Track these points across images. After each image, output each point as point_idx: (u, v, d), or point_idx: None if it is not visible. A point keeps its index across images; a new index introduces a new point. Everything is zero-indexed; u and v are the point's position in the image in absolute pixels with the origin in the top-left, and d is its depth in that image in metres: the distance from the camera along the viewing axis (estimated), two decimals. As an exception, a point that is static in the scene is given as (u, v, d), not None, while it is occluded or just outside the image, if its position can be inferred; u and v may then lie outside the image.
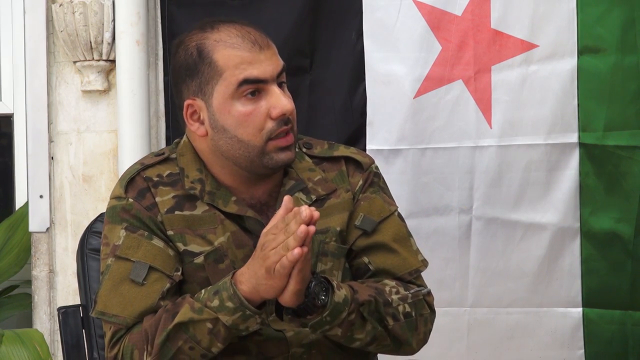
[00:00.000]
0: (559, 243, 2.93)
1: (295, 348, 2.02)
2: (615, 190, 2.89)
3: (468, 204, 2.96)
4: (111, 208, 2.05)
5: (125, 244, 2.01)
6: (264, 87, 2.00)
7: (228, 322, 1.90)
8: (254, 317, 1.91)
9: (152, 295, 1.98)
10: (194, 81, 2.02)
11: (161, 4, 3.14)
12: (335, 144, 2.18)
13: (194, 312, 1.92)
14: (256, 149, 2.00)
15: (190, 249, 2.02)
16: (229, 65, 1.98)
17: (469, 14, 2.93)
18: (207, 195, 2.04)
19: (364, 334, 2.00)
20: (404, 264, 2.10)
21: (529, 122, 2.92)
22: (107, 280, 2.01)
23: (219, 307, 1.91)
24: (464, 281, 2.96)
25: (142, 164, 2.08)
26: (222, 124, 2.00)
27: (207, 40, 2.01)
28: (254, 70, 1.98)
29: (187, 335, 1.92)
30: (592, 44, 2.88)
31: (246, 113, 1.99)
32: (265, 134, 2.00)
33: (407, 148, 2.96)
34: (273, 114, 1.99)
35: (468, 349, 3.00)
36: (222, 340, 1.93)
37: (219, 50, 2.00)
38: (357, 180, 2.14)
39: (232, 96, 1.99)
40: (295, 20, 3.02)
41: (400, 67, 2.96)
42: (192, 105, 2.03)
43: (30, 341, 3.02)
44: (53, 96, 3.24)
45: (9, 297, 3.47)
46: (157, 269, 1.99)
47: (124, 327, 1.98)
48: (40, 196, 3.23)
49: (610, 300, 2.91)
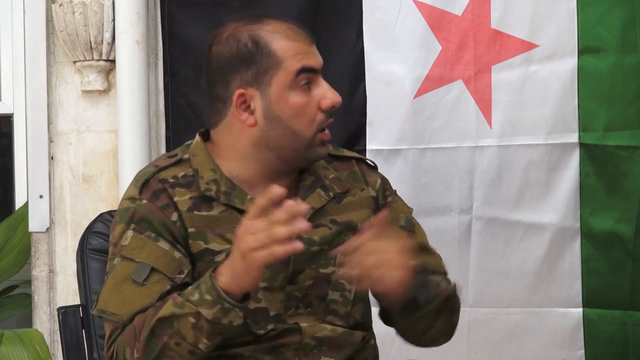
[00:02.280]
0: (559, 243, 2.93)
1: (308, 339, 2.02)
2: (615, 191, 2.89)
3: (468, 204, 2.96)
4: (123, 209, 2.05)
5: (132, 245, 2.01)
6: (315, 78, 2.05)
7: (209, 316, 1.88)
8: (234, 310, 1.88)
9: (150, 296, 1.97)
10: (249, 71, 2.03)
11: (161, 4, 3.13)
12: (339, 147, 2.21)
13: (176, 307, 1.91)
14: (306, 140, 2.03)
15: (211, 247, 2.01)
16: (288, 56, 2.03)
17: (469, 14, 2.93)
18: (223, 195, 2.03)
19: (438, 325, 2.09)
20: (440, 263, 2.18)
21: (529, 122, 2.92)
22: (110, 279, 2.01)
23: (199, 300, 1.89)
24: (464, 281, 2.95)
25: (156, 166, 2.07)
26: (278, 114, 2.02)
27: (262, 32, 2.05)
28: (310, 60, 2.04)
29: (171, 330, 1.91)
30: (592, 44, 2.88)
31: (302, 104, 2.02)
32: (316, 126, 2.03)
33: (407, 148, 2.96)
34: (323, 105, 2.03)
35: (468, 348, 3.00)
36: (206, 336, 1.90)
37: (276, 41, 2.04)
38: (374, 179, 2.16)
39: (290, 86, 2.02)
40: (295, 20, 2.99)
41: (400, 67, 2.96)
42: (243, 94, 2.03)
43: (30, 341, 3.02)
44: (53, 96, 3.24)
45: (9, 297, 3.47)
46: (159, 270, 1.98)
47: (121, 325, 1.98)
48: (40, 196, 3.22)
49: (610, 300, 2.91)
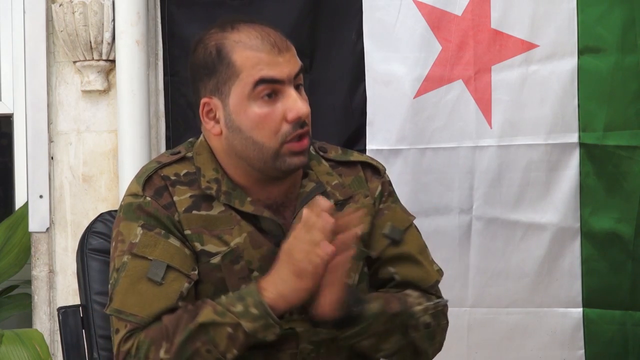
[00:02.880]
0: (559, 243, 2.93)
1: (305, 344, 2.02)
2: (615, 191, 2.89)
3: (468, 204, 2.96)
4: (127, 205, 2.04)
5: (142, 242, 2.00)
6: (281, 88, 1.99)
7: (249, 329, 1.90)
8: (274, 327, 1.91)
9: (170, 296, 1.97)
10: (211, 80, 2.02)
11: (161, 4, 3.13)
12: (348, 150, 2.18)
13: (217, 315, 1.92)
14: (270, 151, 2.00)
15: (207, 249, 2.01)
16: (247, 66, 1.98)
17: (469, 14, 2.93)
18: (223, 195, 2.03)
19: (390, 345, 2.02)
20: (427, 277, 2.12)
21: (529, 122, 2.92)
22: (124, 278, 1.99)
23: (243, 312, 1.91)
24: (464, 281, 2.96)
25: (158, 162, 2.07)
26: (238, 125, 2.00)
27: (226, 41, 2.01)
28: (271, 71, 1.98)
29: (207, 337, 1.92)
30: (592, 44, 2.88)
31: (262, 115, 1.99)
32: (280, 137, 1.99)
33: (407, 148, 2.96)
34: (289, 117, 1.98)
35: (468, 349, 3.00)
36: (238, 347, 1.92)
37: (237, 51, 1.99)
38: (375, 185, 2.14)
39: (249, 97, 1.99)
40: (295, 20, 3.02)
41: (400, 67, 2.96)
42: (208, 103, 2.03)
43: (30, 341, 3.02)
44: (53, 96, 3.24)
45: (9, 297, 3.47)
46: (175, 268, 1.98)
47: (141, 326, 1.97)
48: (40, 196, 3.22)
49: (610, 300, 2.91)
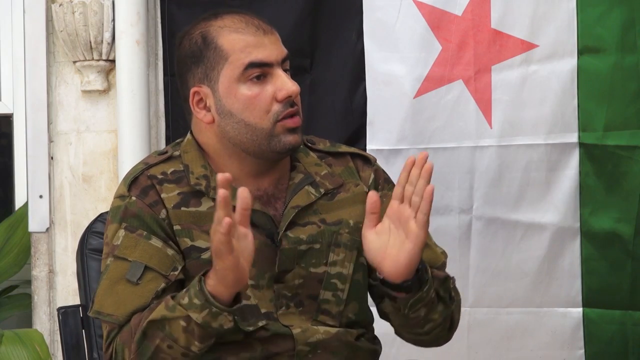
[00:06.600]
0: (559, 243, 2.93)
1: (301, 346, 2.01)
2: (615, 190, 2.89)
3: (468, 204, 2.96)
4: (114, 208, 2.05)
5: (124, 244, 2.01)
6: (270, 70, 2.01)
7: (199, 320, 1.88)
8: (222, 314, 1.87)
9: (145, 295, 1.98)
10: (199, 68, 2.03)
11: (161, 4, 3.13)
12: (336, 143, 2.19)
13: (167, 310, 1.91)
14: (264, 132, 2.01)
15: (197, 244, 2.02)
16: (235, 49, 2.00)
17: (469, 14, 2.93)
18: (212, 190, 2.03)
19: (437, 315, 2.04)
20: (436, 257, 2.13)
21: (529, 122, 2.92)
22: (104, 280, 2.01)
23: (189, 304, 1.89)
24: (464, 281, 2.95)
25: (145, 164, 2.08)
26: (229, 109, 2.01)
27: (211, 27, 2.03)
28: (259, 54, 2.00)
29: (163, 333, 1.91)
30: (592, 44, 2.88)
31: (252, 96, 2.00)
32: (272, 116, 2.01)
33: (407, 148, 2.96)
34: (279, 96, 2.00)
35: (468, 348, 3.00)
36: (199, 339, 1.89)
37: (223, 35, 2.01)
38: (367, 174, 2.15)
39: (238, 80, 2.00)
40: (295, 20, 3.02)
41: (400, 67, 2.96)
42: (198, 92, 2.04)
43: (30, 341, 3.02)
44: (53, 96, 3.23)
45: (9, 297, 3.46)
46: (152, 268, 1.99)
47: (117, 326, 1.98)
48: (40, 196, 3.22)
49: (610, 300, 2.91)
